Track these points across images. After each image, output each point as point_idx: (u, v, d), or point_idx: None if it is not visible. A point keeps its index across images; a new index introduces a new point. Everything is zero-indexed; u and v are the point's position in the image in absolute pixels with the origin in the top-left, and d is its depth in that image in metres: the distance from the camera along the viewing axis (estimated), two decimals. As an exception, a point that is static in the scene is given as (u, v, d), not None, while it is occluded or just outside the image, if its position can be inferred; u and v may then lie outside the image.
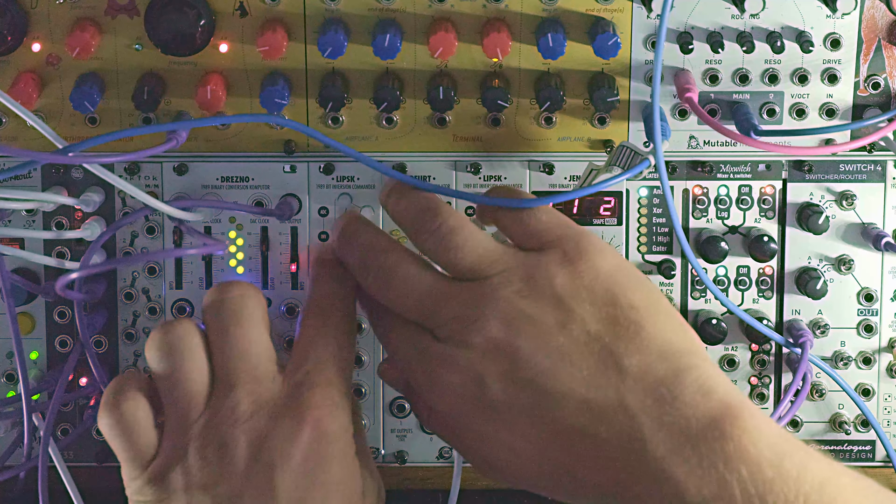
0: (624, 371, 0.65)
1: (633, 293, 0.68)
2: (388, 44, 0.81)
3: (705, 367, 0.66)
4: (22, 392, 0.80)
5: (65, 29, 0.83)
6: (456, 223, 0.72)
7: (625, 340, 0.66)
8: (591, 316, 0.67)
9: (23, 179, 0.86)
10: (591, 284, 0.68)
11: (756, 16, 0.84)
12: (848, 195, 0.87)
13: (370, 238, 0.74)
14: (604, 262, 0.69)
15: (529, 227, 0.72)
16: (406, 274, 0.71)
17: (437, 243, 0.71)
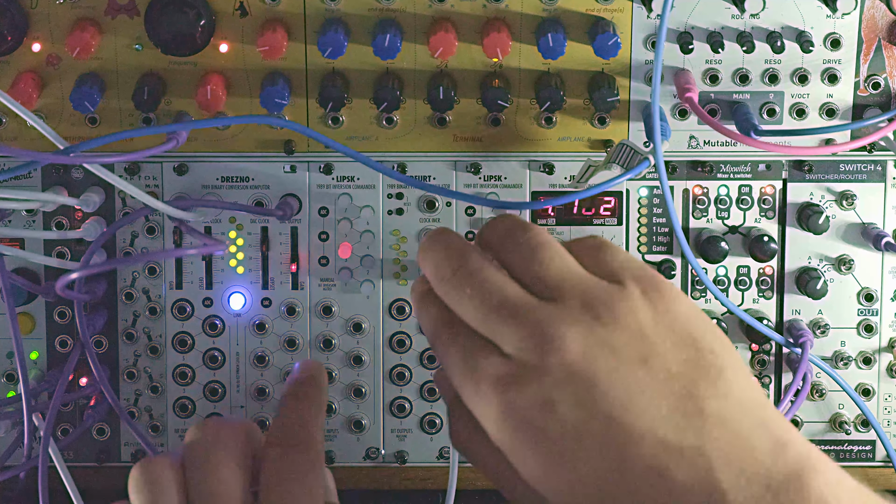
0: (705, 415, 0.63)
1: (712, 338, 0.66)
2: (388, 44, 0.81)
3: (779, 419, 0.65)
4: (22, 392, 0.80)
5: (65, 29, 0.83)
6: (545, 239, 0.70)
7: (707, 383, 0.64)
8: (672, 355, 0.65)
9: (23, 179, 0.86)
10: (671, 324, 0.66)
11: (756, 16, 0.84)
12: (848, 195, 0.87)
13: (454, 240, 0.72)
14: (682, 304, 0.68)
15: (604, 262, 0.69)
16: (486, 279, 0.69)
17: (523, 256, 0.69)
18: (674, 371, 0.65)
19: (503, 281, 0.69)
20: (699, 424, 0.63)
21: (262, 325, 0.88)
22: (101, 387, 0.84)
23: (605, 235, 0.87)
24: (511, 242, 0.70)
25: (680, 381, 0.64)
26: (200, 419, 0.89)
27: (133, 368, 0.88)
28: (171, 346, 0.88)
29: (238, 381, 0.88)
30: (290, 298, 0.88)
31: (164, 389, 0.89)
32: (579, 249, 0.72)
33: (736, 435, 0.63)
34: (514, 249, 0.70)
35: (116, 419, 0.88)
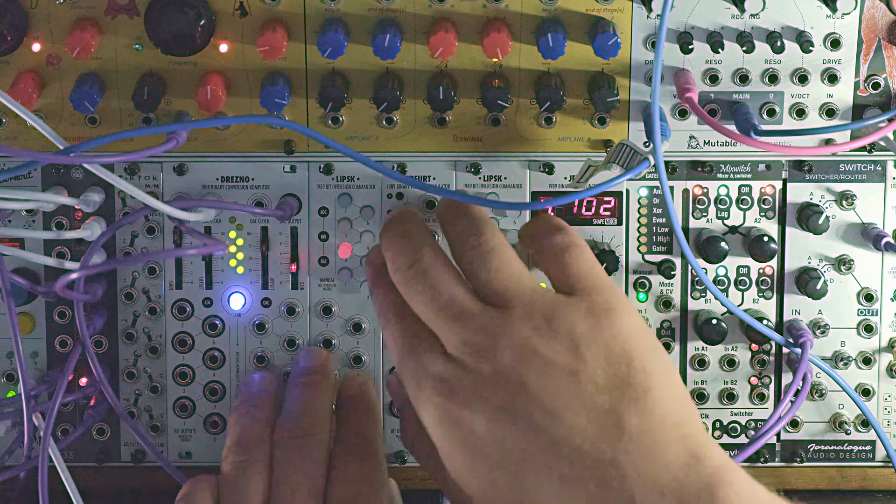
0: (623, 429, 0.66)
1: (647, 358, 0.69)
2: (388, 44, 0.81)
3: (700, 435, 0.67)
4: (22, 392, 0.80)
5: (65, 29, 0.83)
6: (496, 245, 0.73)
7: (631, 400, 0.67)
8: (602, 370, 0.68)
9: (23, 179, 0.86)
10: (609, 340, 0.69)
11: (756, 16, 0.84)
12: (848, 195, 0.87)
13: (414, 231, 0.75)
14: (627, 322, 0.70)
15: (564, 266, 0.73)
16: (438, 278, 0.73)
17: (473, 259, 0.73)
18: (601, 385, 0.67)
19: (453, 282, 0.73)
20: (616, 438, 0.65)
21: (262, 325, 0.88)
22: (101, 387, 0.84)
23: (605, 235, 0.87)
24: (464, 244, 0.74)
25: (605, 396, 0.67)
26: (200, 419, 0.89)
27: (133, 368, 0.88)
28: (171, 346, 0.88)
29: (238, 381, 0.88)
30: (290, 298, 0.88)
31: (164, 389, 0.89)
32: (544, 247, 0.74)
33: (652, 449, 0.65)
34: (466, 252, 0.74)
35: (116, 419, 0.88)
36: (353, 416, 0.81)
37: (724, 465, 0.65)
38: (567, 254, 0.74)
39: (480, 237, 0.74)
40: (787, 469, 0.90)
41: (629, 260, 0.88)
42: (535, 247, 0.76)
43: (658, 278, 0.88)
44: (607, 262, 0.86)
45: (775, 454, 0.90)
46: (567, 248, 0.74)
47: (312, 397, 0.81)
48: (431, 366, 0.71)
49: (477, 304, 0.72)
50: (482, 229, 0.75)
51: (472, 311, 0.71)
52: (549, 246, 0.75)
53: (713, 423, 0.89)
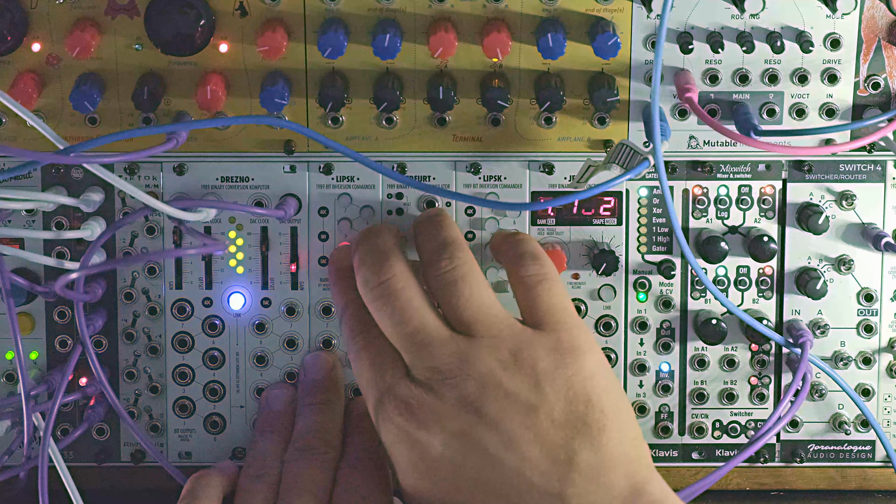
0: (574, 465, 0.69)
1: (606, 398, 0.71)
2: (388, 44, 0.81)
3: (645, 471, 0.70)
4: (22, 392, 0.80)
5: (65, 29, 0.83)
6: (468, 272, 0.75)
7: (585, 438, 0.69)
8: (561, 407, 0.70)
9: (23, 179, 0.86)
10: (571, 378, 0.71)
11: (756, 16, 0.84)
12: (848, 195, 0.87)
13: (387, 247, 0.76)
14: (590, 361, 0.72)
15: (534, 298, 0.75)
16: (409, 303, 0.74)
17: (444, 286, 0.75)
18: (557, 421, 0.69)
19: (422, 308, 0.74)
20: (565, 473, 0.68)
21: (262, 325, 0.88)
22: (101, 387, 0.84)
23: (605, 235, 0.87)
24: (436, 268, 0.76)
25: (560, 432, 0.69)
26: (200, 419, 0.89)
27: (133, 368, 0.88)
28: (171, 346, 0.88)
29: (238, 381, 0.88)
30: (290, 298, 0.88)
31: (164, 389, 0.89)
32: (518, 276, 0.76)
33: (598, 485, 0.68)
34: (437, 276, 0.76)
35: (116, 419, 0.88)
36: (361, 433, 0.82)
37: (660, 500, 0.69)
38: (540, 287, 0.76)
39: (454, 261, 0.76)
40: (786, 469, 0.90)
41: (629, 260, 0.88)
42: (509, 271, 0.78)
43: (658, 278, 0.88)
44: (607, 262, 0.86)
45: (775, 454, 0.90)
46: (540, 281, 0.76)
47: (322, 417, 0.82)
48: (395, 387, 0.72)
49: (445, 331, 0.73)
50: (455, 252, 0.76)
51: (439, 339, 0.73)
52: (522, 275, 0.76)
53: (713, 424, 0.89)
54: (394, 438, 0.72)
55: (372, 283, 0.76)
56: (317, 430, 0.81)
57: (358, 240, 0.79)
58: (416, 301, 0.74)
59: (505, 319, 0.74)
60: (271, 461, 0.79)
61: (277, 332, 0.88)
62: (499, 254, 0.81)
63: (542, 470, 0.68)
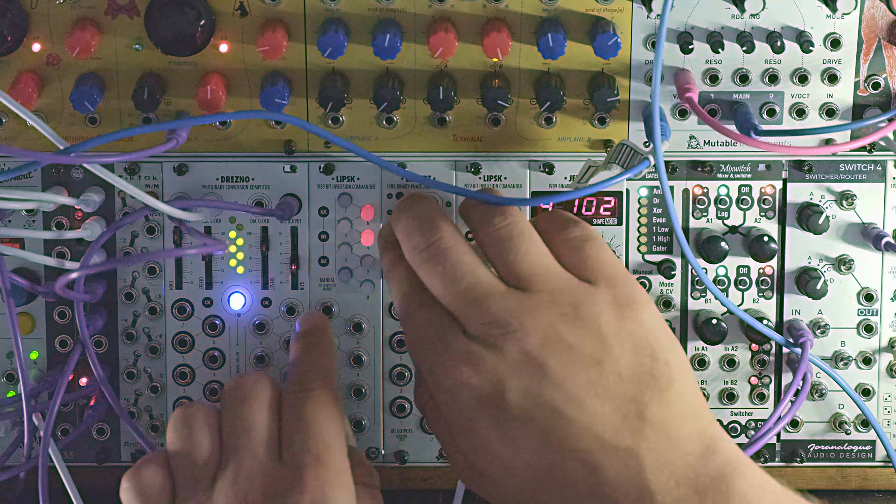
0: (645, 419, 0.67)
1: (670, 351, 0.70)
2: (388, 44, 0.81)
3: (715, 428, 0.68)
4: (22, 392, 0.80)
5: (65, 29, 0.83)
6: (524, 228, 0.72)
7: (654, 391, 0.67)
8: (627, 360, 0.68)
9: (23, 179, 0.86)
10: (634, 331, 0.69)
11: (756, 16, 0.84)
12: (848, 195, 0.87)
13: (431, 212, 0.74)
14: (649, 315, 0.70)
15: (585, 258, 0.72)
16: (459, 259, 0.72)
17: (499, 242, 0.72)
18: (624, 375, 0.68)
19: (475, 264, 0.72)
20: (637, 427, 0.66)
21: (262, 325, 0.88)
22: (101, 387, 0.84)
23: (605, 235, 0.87)
24: (490, 226, 0.73)
25: (628, 386, 0.67)
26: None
27: (133, 368, 0.88)
28: (171, 346, 0.88)
29: (238, 381, 0.88)
30: (290, 298, 0.88)
31: (164, 389, 0.89)
32: (563, 240, 0.74)
33: (670, 440, 0.66)
34: (491, 233, 0.73)
35: (116, 419, 0.88)
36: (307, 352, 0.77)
37: (738, 458, 0.67)
38: (587, 245, 0.73)
39: (508, 217, 0.73)
40: (787, 469, 0.90)
41: (629, 260, 0.88)
42: (553, 239, 0.74)
43: (658, 278, 0.88)
44: (607, 262, 0.86)
45: (775, 454, 0.90)
46: (586, 239, 0.73)
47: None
48: (453, 344, 0.69)
49: (501, 285, 0.71)
50: (508, 210, 0.74)
51: (496, 293, 0.70)
52: (567, 238, 0.74)
53: (713, 423, 0.89)
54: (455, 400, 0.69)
55: (420, 247, 0.73)
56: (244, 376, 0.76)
57: (397, 210, 0.76)
58: (467, 257, 0.72)
59: (563, 274, 0.71)
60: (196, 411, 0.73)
61: (277, 332, 0.88)
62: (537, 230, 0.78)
63: (614, 425, 0.66)
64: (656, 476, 0.65)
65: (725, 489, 0.65)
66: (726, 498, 0.65)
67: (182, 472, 0.70)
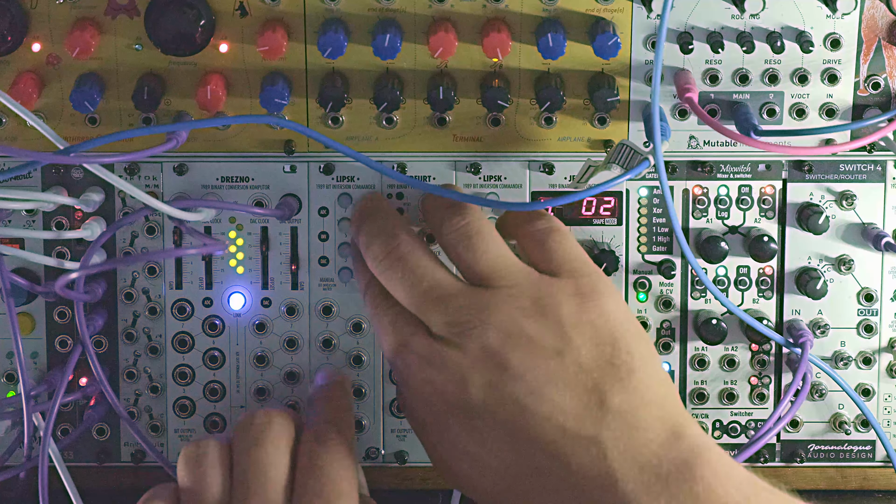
0: (606, 408, 0.68)
1: (632, 340, 0.71)
2: (388, 44, 0.81)
3: (680, 415, 0.69)
4: (22, 392, 0.80)
5: (65, 29, 0.83)
6: (481, 227, 0.74)
7: (615, 380, 0.68)
8: (588, 350, 0.69)
9: (23, 179, 0.86)
10: (595, 321, 0.70)
11: (756, 16, 0.84)
12: (848, 195, 0.87)
13: (388, 220, 0.77)
14: (612, 305, 0.71)
15: (548, 250, 0.74)
16: (417, 263, 0.73)
17: (458, 241, 0.74)
18: (585, 365, 0.68)
19: (432, 266, 0.73)
20: (599, 416, 0.67)
21: (262, 325, 0.88)
22: (101, 387, 0.84)
23: (605, 235, 0.87)
24: (448, 226, 0.74)
25: (589, 375, 0.68)
26: (200, 419, 0.89)
27: (133, 368, 0.88)
28: (171, 346, 0.88)
29: (238, 381, 0.88)
30: (290, 298, 0.88)
31: (164, 389, 0.89)
32: (528, 232, 0.75)
33: (633, 427, 0.67)
34: (451, 233, 0.75)
35: (116, 419, 0.88)
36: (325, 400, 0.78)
37: (703, 444, 0.67)
38: (551, 237, 0.75)
39: (466, 218, 0.75)
40: (787, 469, 0.90)
41: (629, 260, 0.88)
42: (517, 233, 0.76)
43: (658, 278, 0.88)
44: (607, 262, 0.86)
45: (775, 454, 0.90)
46: (550, 231, 0.75)
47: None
48: (417, 345, 0.72)
49: (460, 284, 0.72)
50: (467, 210, 0.75)
51: (456, 292, 0.72)
52: (531, 230, 0.75)
53: (713, 423, 0.89)
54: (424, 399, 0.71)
55: (380, 256, 0.75)
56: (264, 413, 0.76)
57: (355, 220, 0.79)
58: (424, 261, 0.74)
59: (523, 269, 0.73)
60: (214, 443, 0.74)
61: (277, 332, 0.88)
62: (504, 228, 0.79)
63: (575, 415, 0.67)
64: (619, 463, 0.66)
65: (689, 475, 0.65)
66: (689, 484, 0.65)
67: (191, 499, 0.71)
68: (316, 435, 0.73)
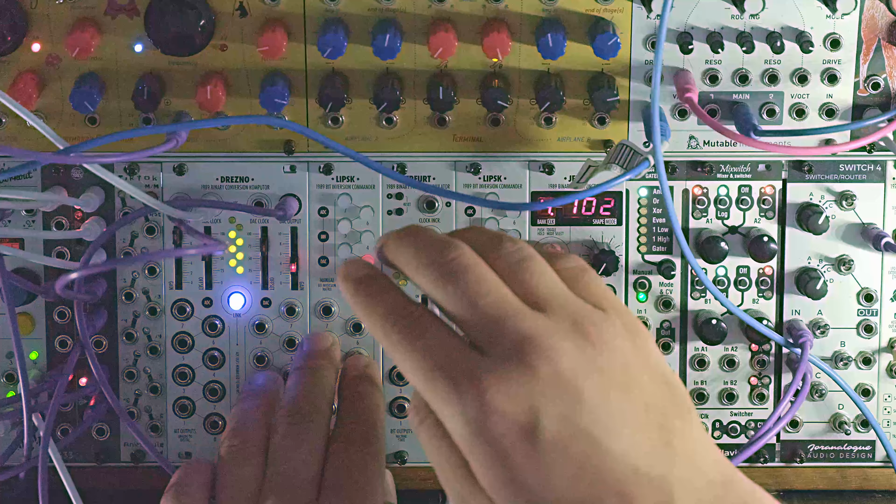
0: (673, 448, 0.65)
1: (678, 381, 0.68)
2: (388, 44, 0.81)
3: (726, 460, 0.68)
4: (22, 392, 0.80)
5: (65, 29, 0.83)
6: (532, 253, 0.69)
7: (677, 419, 0.66)
8: (650, 388, 0.66)
9: (23, 179, 0.86)
10: (647, 358, 0.67)
11: (756, 16, 0.84)
12: (848, 195, 0.87)
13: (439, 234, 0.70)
14: (654, 345, 0.69)
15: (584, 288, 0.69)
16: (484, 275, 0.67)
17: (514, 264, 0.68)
18: (650, 403, 0.66)
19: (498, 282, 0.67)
20: (668, 456, 0.65)
21: (261, 325, 0.88)
22: (101, 387, 0.84)
23: (605, 235, 0.87)
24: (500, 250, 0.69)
25: (655, 413, 0.66)
26: (200, 419, 0.89)
27: (133, 368, 0.88)
28: (171, 346, 0.88)
29: (238, 381, 0.88)
30: (290, 298, 0.88)
31: (164, 389, 0.89)
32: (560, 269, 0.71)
33: (696, 469, 0.65)
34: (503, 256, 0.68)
35: (116, 419, 0.88)
36: (356, 400, 0.80)
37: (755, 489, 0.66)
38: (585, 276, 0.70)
39: (517, 243, 0.70)
40: (786, 469, 0.90)
41: (629, 260, 0.88)
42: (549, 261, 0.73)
43: (658, 278, 0.88)
44: (607, 263, 0.86)
45: (775, 454, 0.90)
46: (583, 270, 0.70)
47: (313, 382, 0.81)
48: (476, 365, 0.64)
49: (524, 306, 0.66)
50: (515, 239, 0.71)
51: (523, 311, 0.66)
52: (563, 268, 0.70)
53: (713, 423, 0.89)
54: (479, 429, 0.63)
55: (438, 262, 0.67)
56: (306, 395, 0.79)
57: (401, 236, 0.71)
58: (490, 275, 0.67)
59: (577, 299, 0.68)
60: (255, 429, 0.77)
61: (277, 332, 0.88)
62: None
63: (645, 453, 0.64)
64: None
65: None
66: None
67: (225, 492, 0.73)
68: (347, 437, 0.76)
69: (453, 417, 0.64)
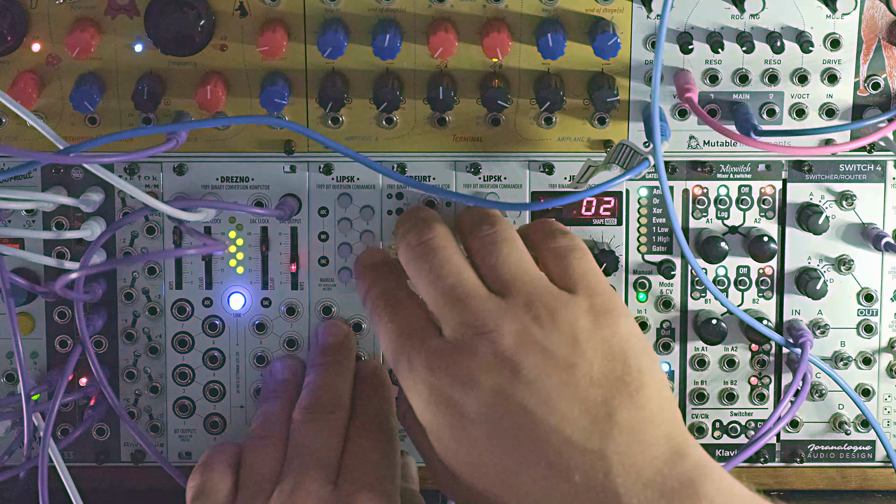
0: (614, 422, 0.68)
1: (642, 359, 0.71)
2: (388, 44, 0.81)
3: (684, 435, 0.69)
4: (22, 392, 0.80)
5: (65, 29, 0.83)
6: (508, 236, 0.76)
7: (624, 396, 0.69)
8: (599, 365, 0.70)
9: (23, 179, 0.86)
10: (608, 338, 0.71)
11: (756, 16, 0.84)
12: (848, 195, 0.87)
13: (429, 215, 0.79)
14: (625, 325, 0.73)
15: (567, 267, 0.75)
16: (447, 258, 0.75)
17: (484, 246, 0.75)
18: (596, 380, 0.69)
19: (461, 265, 0.75)
20: (606, 430, 0.67)
21: (262, 325, 0.88)
22: (101, 387, 0.84)
23: (605, 235, 0.87)
24: (478, 232, 0.76)
25: (599, 390, 0.69)
26: (200, 419, 0.89)
27: (133, 368, 0.88)
28: (171, 346, 0.88)
29: (238, 381, 0.88)
30: (290, 298, 0.88)
31: (164, 389, 0.89)
32: (549, 248, 0.77)
33: (639, 443, 0.67)
34: (478, 238, 0.76)
35: (116, 419, 0.88)
36: (369, 395, 0.82)
37: (706, 463, 0.68)
38: (572, 254, 0.76)
39: (495, 226, 0.77)
40: (786, 469, 0.90)
41: (629, 260, 0.88)
42: (539, 247, 0.78)
43: (658, 278, 0.88)
44: (607, 262, 0.86)
45: (775, 454, 0.90)
46: (572, 250, 0.77)
47: (333, 376, 0.82)
48: (427, 344, 0.72)
49: (482, 288, 0.73)
50: (497, 220, 0.78)
51: (476, 294, 0.73)
52: (553, 246, 0.77)
53: (713, 423, 0.89)
54: (426, 400, 0.71)
55: (413, 244, 0.77)
56: (325, 388, 0.81)
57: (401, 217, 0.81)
58: (454, 258, 0.75)
59: (542, 280, 0.74)
60: (276, 422, 0.79)
61: (277, 332, 0.88)
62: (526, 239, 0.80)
63: (582, 428, 0.67)
64: (623, 478, 0.66)
65: (693, 493, 0.65)
66: (693, 501, 0.65)
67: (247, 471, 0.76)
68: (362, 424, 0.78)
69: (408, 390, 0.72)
